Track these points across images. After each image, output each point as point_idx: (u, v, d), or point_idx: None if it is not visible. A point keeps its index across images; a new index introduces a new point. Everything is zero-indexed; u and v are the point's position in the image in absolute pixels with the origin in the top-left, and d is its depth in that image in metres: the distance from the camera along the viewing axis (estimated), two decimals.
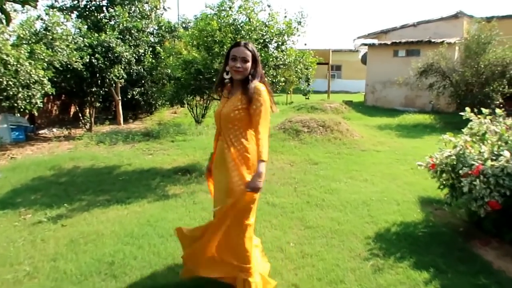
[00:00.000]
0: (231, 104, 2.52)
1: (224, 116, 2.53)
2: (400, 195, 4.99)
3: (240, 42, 2.55)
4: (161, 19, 12.56)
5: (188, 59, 5.62)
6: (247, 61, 2.49)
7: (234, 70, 2.49)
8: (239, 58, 2.47)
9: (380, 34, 19.40)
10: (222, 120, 2.55)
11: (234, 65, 2.47)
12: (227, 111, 2.51)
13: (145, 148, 8.07)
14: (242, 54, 2.48)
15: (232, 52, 2.51)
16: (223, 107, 2.57)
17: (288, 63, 6.02)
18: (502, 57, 10.87)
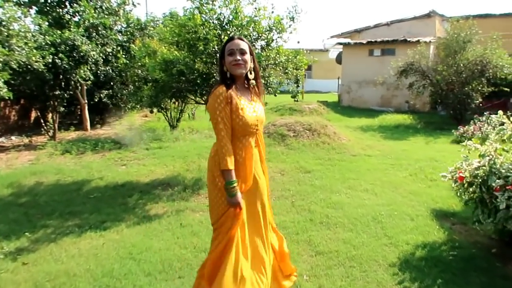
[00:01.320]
0: (259, 107, 2.44)
1: (261, 120, 2.44)
2: (410, 208, 4.54)
3: (233, 36, 2.38)
4: (130, 15, 11.69)
5: (169, 58, 4.94)
6: (245, 52, 2.31)
7: (234, 64, 2.27)
8: (237, 51, 2.28)
9: (353, 33, 19.26)
10: (259, 125, 2.42)
11: (233, 58, 2.27)
12: (262, 115, 2.46)
13: (117, 157, 7.28)
14: (239, 45, 2.29)
15: (227, 46, 2.31)
16: (254, 111, 2.37)
17: (279, 63, 5.46)
18: (482, 55, 10.79)
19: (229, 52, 2.28)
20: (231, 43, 2.31)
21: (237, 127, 2.27)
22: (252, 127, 2.33)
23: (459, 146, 8.50)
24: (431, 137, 9.77)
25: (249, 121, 2.28)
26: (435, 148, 8.19)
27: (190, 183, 5.60)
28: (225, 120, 2.22)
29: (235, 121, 2.25)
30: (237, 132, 2.28)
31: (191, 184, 5.55)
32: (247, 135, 2.33)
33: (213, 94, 2.25)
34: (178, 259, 3.35)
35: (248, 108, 2.32)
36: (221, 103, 2.20)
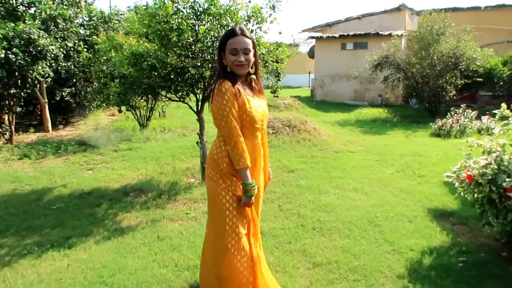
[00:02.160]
0: (263, 102, 2.33)
1: (266, 116, 2.36)
2: (405, 208, 4.26)
3: (235, 30, 2.16)
4: (93, 8, 10.91)
5: (139, 51, 4.42)
6: (249, 51, 2.16)
7: (237, 65, 2.15)
8: (241, 51, 2.13)
9: (324, 27, 19.08)
10: (264, 121, 2.34)
11: (236, 59, 2.13)
12: (267, 110, 2.37)
13: (83, 161, 6.66)
14: (244, 44, 2.13)
15: (229, 44, 2.13)
16: (259, 106, 2.27)
17: (259, 56, 5.04)
18: (456, 47, 10.78)
19: (232, 52, 2.13)
20: (234, 41, 2.13)
21: (244, 123, 2.18)
22: (258, 123, 2.25)
23: (439, 140, 8.48)
24: (409, 130, 9.66)
25: (256, 117, 2.20)
26: (416, 142, 8.03)
27: (165, 188, 5.11)
28: (236, 117, 2.13)
29: (242, 118, 2.16)
30: (245, 129, 2.19)
31: (167, 189, 5.06)
32: (255, 131, 2.26)
33: (219, 90, 2.11)
34: (158, 281, 2.90)
35: (253, 103, 2.22)
36: (229, 100, 2.10)
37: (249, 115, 2.16)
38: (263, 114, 2.29)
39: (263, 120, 2.29)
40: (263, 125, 2.31)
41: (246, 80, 2.29)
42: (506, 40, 15.45)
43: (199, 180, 5.44)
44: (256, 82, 2.32)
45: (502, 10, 15.74)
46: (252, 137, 2.25)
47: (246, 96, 2.18)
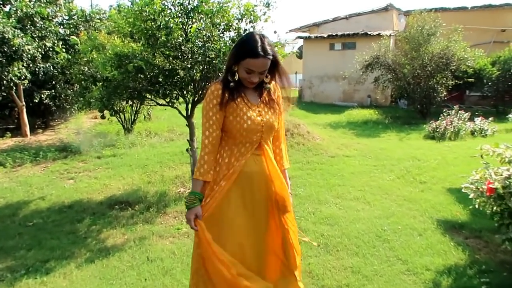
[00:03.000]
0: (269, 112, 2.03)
1: (269, 127, 2.03)
2: (412, 220, 4.00)
3: (257, 51, 1.83)
4: (73, 6, 10.40)
5: (123, 52, 4.04)
6: (265, 71, 1.93)
7: (248, 81, 1.95)
8: (257, 72, 1.90)
9: (312, 27, 18.83)
10: (266, 133, 2.03)
11: (249, 78, 1.92)
12: (272, 121, 2.04)
13: (63, 169, 6.22)
14: (262, 68, 1.89)
15: (247, 63, 1.87)
16: (259, 115, 2.00)
17: None
18: (447, 47, 10.65)
19: (247, 71, 1.89)
20: (253, 63, 1.86)
21: (234, 131, 1.97)
22: (253, 133, 1.98)
23: (433, 142, 8.30)
24: (402, 132, 9.47)
25: (250, 126, 1.95)
26: (411, 145, 7.83)
27: (153, 199, 4.74)
28: (213, 124, 1.96)
29: (232, 124, 1.96)
30: (235, 137, 1.99)
31: (155, 200, 4.69)
32: (248, 142, 2.00)
33: (207, 91, 1.99)
34: None
35: (250, 111, 1.98)
36: (210, 102, 1.95)
37: (239, 123, 1.94)
38: (264, 126, 1.99)
39: (262, 132, 2.00)
40: (262, 137, 2.01)
41: (259, 87, 2.03)
42: (493, 40, 15.48)
43: (189, 190, 5.08)
44: (270, 92, 2.06)
45: (489, 11, 15.76)
46: (244, 149, 2.00)
47: (242, 103, 1.96)
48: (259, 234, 2.05)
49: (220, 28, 4.54)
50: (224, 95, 1.94)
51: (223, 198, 1.97)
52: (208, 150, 1.97)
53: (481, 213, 3.73)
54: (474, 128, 8.94)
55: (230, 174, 1.98)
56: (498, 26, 15.47)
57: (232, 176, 1.98)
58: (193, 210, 1.94)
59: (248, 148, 2.00)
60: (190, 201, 1.95)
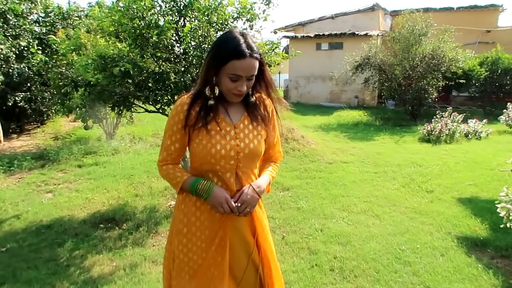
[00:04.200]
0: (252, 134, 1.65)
1: (249, 154, 1.63)
2: (430, 237, 3.69)
3: (242, 50, 1.50)
4: (49, 3, 9.76)
5: (108, 54, 3.59)
6: (253, 76, 1.57)
7: (234, 94, 1.57)
8: (245, 78, 1.54)
9: (297, 26, 18.56)
10: (243, 161, 1.63)
11: (236, 87, 1.55)
12: (253, 146, 1.64)
13: (40, 181, 5.69)
14: (251, 71, 1.54)
15: (232, 67, 1.51)
16: (236, 137, 1.61)
17: None
18: (438, 48, 10.49)
19: (233, 77, 1.53)
20: (240, 65, 1.51)
21: (200, 156, 1.59)
22: (224, 161, 1.59)
23: (429, 146, 8.08)
24: (395, 135, 9.25)
25: (219, 152, 1.58)
26: (408, 150, 7.58)
27: (143, 216, 4.30)
28: (174, 142, 1.64)
29: (198, 149, 1.59)
30: (200, 164, 1.62)
31: (145, 217, 4.25)
32: (217, 171, 1.61)
33: (175, 102, 1.66)
34: None
35: (222, 134, 1.60)
36: (172, 118, 1.63)
37: (205, 148, 1.57)
38: (245, 151, 1.61)
39: (238, 160, 1.61)
40: (238, 166, 1.63)
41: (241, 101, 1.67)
42: (478, 41, 15.52)
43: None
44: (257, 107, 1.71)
45: (474, 11, 15.81)
46: (216, 178, 1.63)
47: (213, 121, 1.60)
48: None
49: (216, 27, 4.14)
50: (190, 115, 1.59)
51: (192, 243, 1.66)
52: (170, 162, 1.68)
53: (502, 228, 3.45)
54: (468, 131, 8.79)
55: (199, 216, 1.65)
56: (483, 26, 15.52)
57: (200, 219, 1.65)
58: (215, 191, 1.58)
59: (219, 181, 1.62)
60: (204, 186, 1.58)
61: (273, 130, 1.78)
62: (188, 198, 1.67)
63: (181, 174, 1.64)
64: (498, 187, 4.95)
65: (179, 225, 1.68)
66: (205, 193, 1.57)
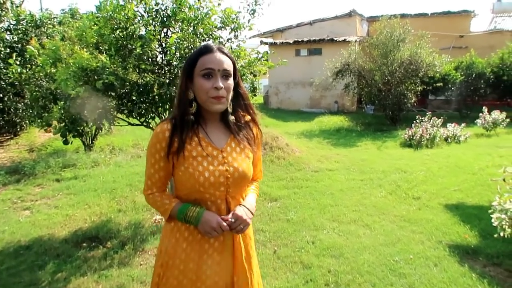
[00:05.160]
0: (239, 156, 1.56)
1: (238, 177, 1.53)
2: (421, 246, 3.68)
3: (209, 45, 1.51)
4: (21, 10, 9.42)
5: (91, 66, 3.44)
6: (229, 75, 1.51)
7: (213, 97, 1.46)
8: (218, 73, 1.47)
9: (276, 32, 18.64)
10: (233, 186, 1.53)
11: (213, 86, 1.45)
12: (243, 169, 1.54)
13: (16, 197, 5.42)
14: (222, 64, 1.48)
15: (201, 64, 1.47)
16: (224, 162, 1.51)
17: (240, 69, 4.24)
18: (415, 53, 10.69)
19: (205, 73, 1.47)
20: (208, 58, 1.47)
21: (188, 185, 1.49)
22: (214, 188, 1.50)
23: (411, 151, 8.17)
24: (377, 140, 9.33)
25: (208, 179, 1.47)
26: (391, 155, 7.65)
27: (127, 233, 4.13)
28: (158, 170, 1.54)
29: (184, 177, 1.49)
30: (188, 193, 1.52)
31: (130, 234, 4.09)
32: (206, 200, 1.52)
33: (154, 131, 1.54)
34: None
35: (210, 159, 1.50)
36: (153, 147, 1.51)
37: (192, 176, 1.47)
38: (234, 175, 1.52)
39: (228, 185, 1.52)
40: (228, 192, 1.54)
41: (223, 121, 1.60)
42: (452, 46, 15.95)
43: None
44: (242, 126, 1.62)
45: (448, 17, 16.26)
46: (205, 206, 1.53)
47: (198, 146, 1.50)
48: None
49: (201, 38, 4.04)
50: (173, 141, 1.49)
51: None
52: (156, 190, 1.58)
53: (491, 235, 3.48)
54: (447, 135, 8.95)
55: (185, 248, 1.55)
56: (456, 32, 15.97)
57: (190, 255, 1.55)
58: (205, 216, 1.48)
59: (211, 207, 1.53)
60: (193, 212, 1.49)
61: (258, 149, 1.71)
62: (176, 228, 1.56)
63: (169, 201, 1.55)
64: (482, 192, 5.06)
65: (164, 256, 1.57)
66: (194, 219, 1.49)
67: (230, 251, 1.58)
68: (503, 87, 12.78)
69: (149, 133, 4.57)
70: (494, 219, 2.93)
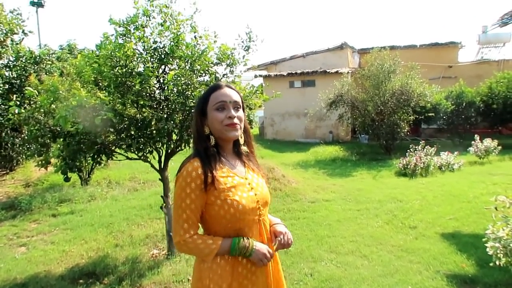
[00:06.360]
0: (259, 180, 1.69)
1: (265, 201, 1.67)
2: (420, 277, 3.68)
3: (218, 83, 1.67)
4: (21, 47, 9.64)
5: (90, 104, 3.53)
6: (240, 107, 1.65)
7: (227, 125, 1.59)
8: (230, 104, 1.61)
9: (270, 65, 19.03)
10: (263, 208, 1.65)
11: (227, 115, 1.58)
12: (266, 192, 1.70)
13: (12, 233, 5.39)
14: (232, 97, 1.62)
15: (214, 98, 1.61)
16: (252, 188, 1.62)
17: None
18: (406, 84, 10.96)
19: (218, 106, 1.60)
20: (219, 93, 1.62)
21: (228, 217, 1.54)
22: (251, 214, 1.59)
23: (406, 179, 8.24)
24: (373, 170, 9.41)
25: (245, 206, 1.56)
26: (387, 184, 7.70)
27: (125, 268, 4.10)
28: (194, 209, 1.54)
29: (223, 210, 1.53)
30: (228, 225, 1.56)
31: (127, 270, 4.06)
32: (245, 226, 1.59)
33: (182, 171, 1.55)
34: None
35: (241, 187, 1.60)
36: (190, 184, 1.52)
37: (232, 205, 1.53)
38: (260, 200, 1.63)
39: (260, 209, 1.63)
40: (261, 215, 1.64)
41: (235, 151, 1.73)
42: (441, 76, 16.36)
43: (164, 252, 4.51)
44: (249, 155, 1.78)
45: (436, 48, 16.75)
46: (243, 235, 1.60)
47: (228, 178, 1.58)
48: None
49: (197, 74, 4.18)
50: (207, 175, 1.53)
51: None
52: (194, 233, 1.56)
53: (487, 263, 3.49)
54: (441, 163, 9.05)
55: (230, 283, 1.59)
56: (445, 62, 16.42)
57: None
58: (257, 245, 1.58)
59: (248, 234, 1.61)
60: (246, 243, 1.56)
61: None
62: (216, 265, 1.57)
63: (212, 241, 1.56)
64: (478, 221, 5.10)
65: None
66: (249, 251, 1.56)
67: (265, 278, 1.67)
68: (493, 115, 13.03)
69: (146, 166, 4.64)
70: (488, 248, 2.97)
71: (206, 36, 4.25)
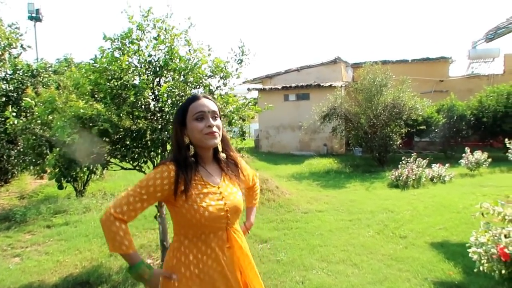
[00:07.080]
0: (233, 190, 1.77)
1: (235, 210, 1.74)
2: (408, 284, 3.75)
3: (197, 95, 1.78)
4: (18, 61, 9.75)
5: (86, 115, 3.63)
6: (217, 116, 1.76)
7: (207, 133, 1.68)
8: (209, 114, 1.71)
9: (265, 78, 19.29)
10: (232, 217, 1.73)
11: (206, 124, 1.68)
12: (237, 201, 1.76)
13: (6, 244, 5.41)
14: (211, 107, 1.72)
15: (193, 108, 1.70)
16: (222, 197, 1.71)
17: (227, 114, 4.48)
18: (398, 97, 11.17)
19: (198, 116, 1.69)
20: (197, 104, 1.71)
21: (194, 221, 1.63)
22: (217, 222, 1.68)
23: (398, 191, 8.35)
24: (366, 182, 9.51)
25: (212, 213, 1.65)
26: (379, 196, 7.80)
27: (119, 277, 4.15)
28: (142, 201, 1.61)
29: (190, 214, 1.63)
30: (194, 228, 1.65)
31: (121, 279, 4.10)
32: (210, 233, 1.68)
33: (157, 167, 1.67)
34: None
35: (211, 196, 1.69)
36: (156, 180, 1.62)
37: (198, 212, 1.62)
38: (229, 209, 1.70)
39: (228, 217, 1.71)
40: (228, 223, 1.72)
41: (215, 159, 1.82)
42: (433, 90, 16.64)
43: (158, 261, 4.56)
44: (228, 161, 1.86)
45: (427, 63, 17.08)
46: (209, 240, 1.68)
47: (198, 186, 1.68)
48: None
49: (191, 86, 4.30)
50: (179, 182, 1.63)
51: None
52: (126, 220, 1.63)
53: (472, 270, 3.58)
54: (433, 175, 9.18)
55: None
56: (436, 76, 16.74)
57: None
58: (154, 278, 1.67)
59: (213, 240, 1.69)
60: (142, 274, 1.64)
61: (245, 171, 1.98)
62: (184, 247, 1.69)
63: (128, 245, 1.62)
64: (466, 230, 5.19)
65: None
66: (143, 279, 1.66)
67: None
68: (484, 128, 13.25)
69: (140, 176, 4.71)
70: (471, 253, 3.06)
71: (200, 49, 4.38)
